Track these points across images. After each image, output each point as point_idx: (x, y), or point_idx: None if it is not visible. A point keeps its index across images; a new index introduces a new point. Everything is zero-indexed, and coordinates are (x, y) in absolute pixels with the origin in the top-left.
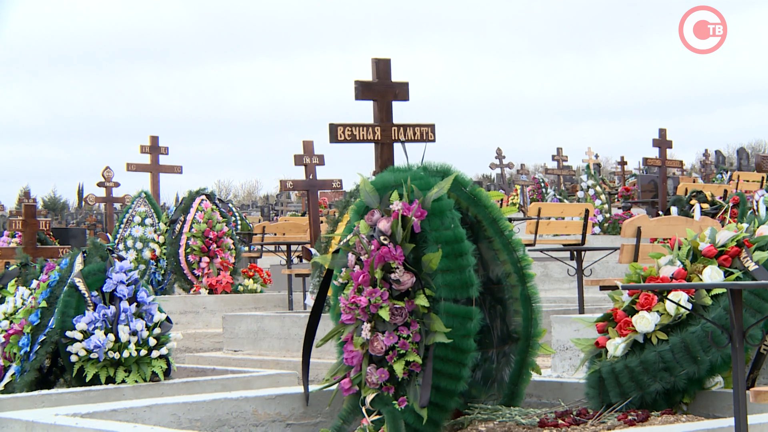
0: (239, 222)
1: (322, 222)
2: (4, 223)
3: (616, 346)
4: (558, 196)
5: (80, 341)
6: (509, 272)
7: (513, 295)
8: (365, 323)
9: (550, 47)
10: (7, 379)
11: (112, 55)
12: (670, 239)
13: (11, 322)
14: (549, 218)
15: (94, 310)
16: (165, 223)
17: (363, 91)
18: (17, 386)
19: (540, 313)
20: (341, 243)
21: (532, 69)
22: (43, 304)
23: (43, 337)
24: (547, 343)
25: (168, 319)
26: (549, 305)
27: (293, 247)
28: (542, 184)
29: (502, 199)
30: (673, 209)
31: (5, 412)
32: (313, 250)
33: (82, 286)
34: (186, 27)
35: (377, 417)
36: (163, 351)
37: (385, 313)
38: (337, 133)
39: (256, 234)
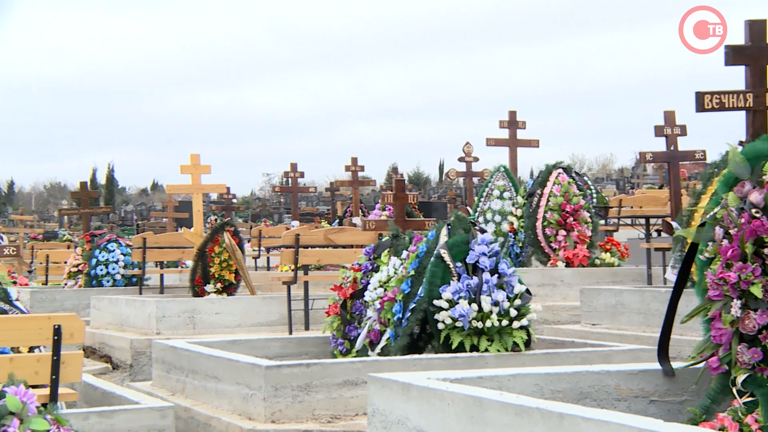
0: (595, 195)
1: (682, 195)
2: (375, 197)
3: None
4: None
5: (446, 310)
6: None
7: None
8: (735, 300)
9: None
10: (383, 343)
11: (476, 35)
12: None
13: (385, 289)
14: None
15: (459, 280)
16: (523, 197)
17: (734, 55)
18: (392, 350)
19: None
20: (707, 216)
21: None
22: (413, 273)
23: (414, 305)
24: None
25: (528, 291)
26: None
27: (652, 221)
28: None
29: None
30: None
31: (383, 373)
32: (675, 224)
33: (447, 258)
34: (543, 2)
35: (750, 399)
36: (524, 322)
37: (757, 290)
38: (703, 102)
39: (612, 207)
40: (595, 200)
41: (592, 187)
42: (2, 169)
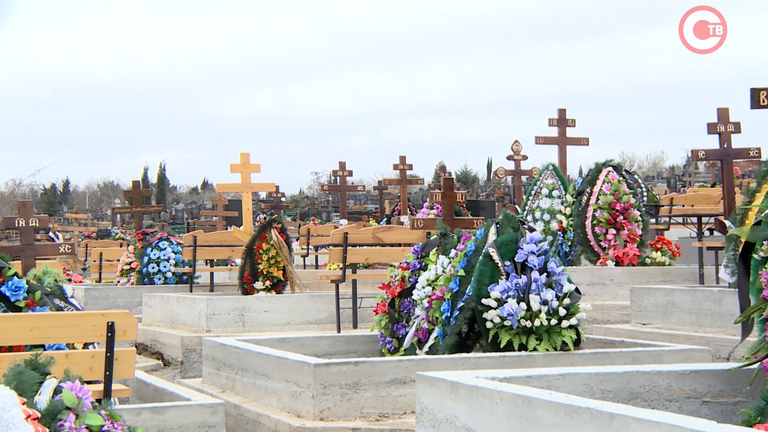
0: (646, 193)
1: (735, 193)
2: (424, 195)
3: None
4: None
5: (495, 309)
6: None
7: None
8: None
9: None
10: (431, 341)
11: (525, 32)
12: None
13: (434, 288)
14: None
15: (507, 279)
16: (572, 195)
17: None
18: (440, 348)
19: None
20: (762, 214)
21: None
22: (461, 272)
23: (462, 304)
24: None
25: (577, 290)
26: None
27: (704, 219)
28: None
29: None
30: None
31: (432, 371)
32: (728, 222)
33: (495, 256)
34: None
35: None
36: (573, 321)
37: None
38: (759, 98)
39: (663, 206)
40: (645, 198)
41: (642, 186)
42: (58, 169)
